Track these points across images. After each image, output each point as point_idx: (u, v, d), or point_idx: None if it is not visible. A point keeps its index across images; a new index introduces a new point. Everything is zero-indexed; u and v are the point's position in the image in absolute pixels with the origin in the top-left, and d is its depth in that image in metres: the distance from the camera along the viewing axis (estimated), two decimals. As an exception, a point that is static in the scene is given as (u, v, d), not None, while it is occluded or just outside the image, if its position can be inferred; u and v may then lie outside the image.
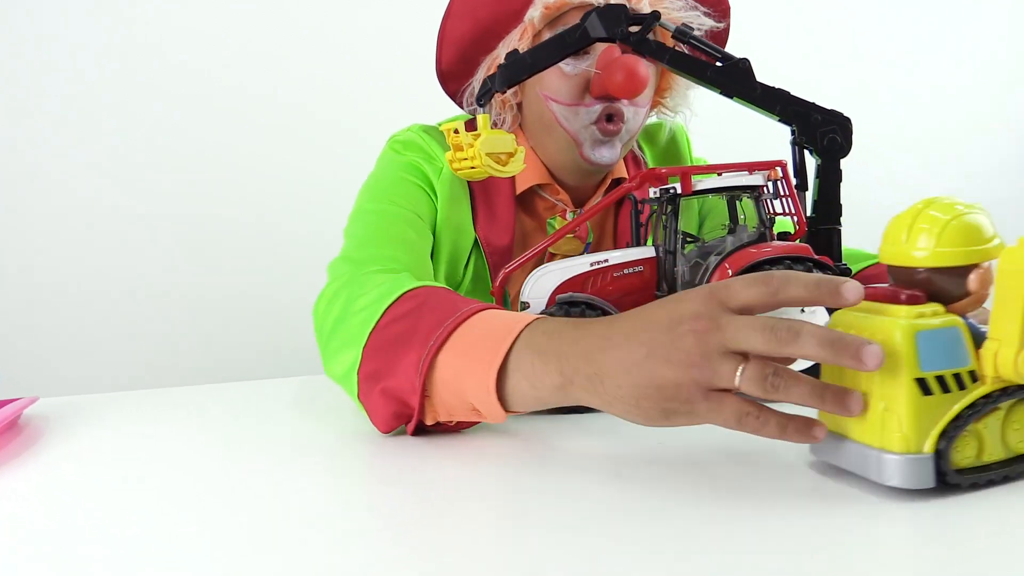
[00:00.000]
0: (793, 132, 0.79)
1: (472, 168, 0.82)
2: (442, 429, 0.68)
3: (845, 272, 0.77)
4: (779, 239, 0.78)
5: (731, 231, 0.79)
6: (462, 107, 1.05)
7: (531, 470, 0.60)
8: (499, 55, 0.96)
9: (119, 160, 1.76)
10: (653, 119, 1.10)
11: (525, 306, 0.77)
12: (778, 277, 0.51)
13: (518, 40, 0.94)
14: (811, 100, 0.78)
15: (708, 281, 0.73)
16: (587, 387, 0.57)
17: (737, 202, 0.78)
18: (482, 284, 1.00)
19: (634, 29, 0.79)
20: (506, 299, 0.98)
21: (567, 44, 0.80)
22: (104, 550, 0.49)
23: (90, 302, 1.76)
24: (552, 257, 1.02)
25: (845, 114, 0.78)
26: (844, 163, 0.78)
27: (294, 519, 0.53)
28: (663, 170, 0.77)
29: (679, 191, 0.75)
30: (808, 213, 0.79)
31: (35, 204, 1.73)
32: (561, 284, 0.76)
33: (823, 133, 0.78)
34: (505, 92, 0.82)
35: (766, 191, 0.76)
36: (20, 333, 1.72)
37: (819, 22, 2.01)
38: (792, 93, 0.79)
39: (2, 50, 1.69)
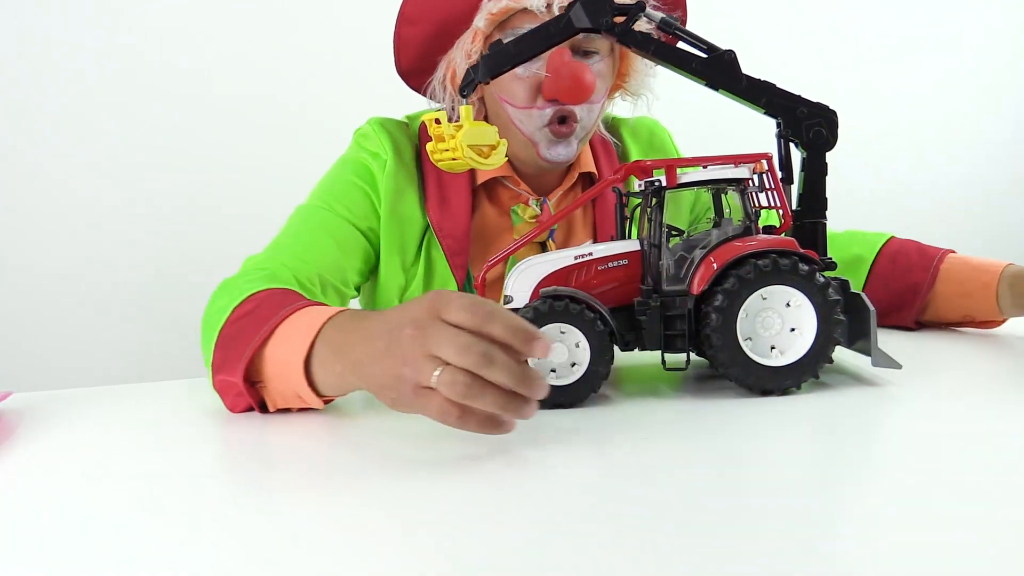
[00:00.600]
0: (779, 125, 0.78)
1: (454, 160, 0.81)
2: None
3: (831, 266, 0.76)
4: (764, 232, 0.77)
5: (716, 224, 0.78)
6: (430, 98, 1.06)
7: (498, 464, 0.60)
8: (454, 57, 0.98)
9: (97, 155, 1.73)
10: (637, 114, 1.11)
11: (508, 300, 0.76)
12: (489, 311, 0.59)
13: (470, 43, 0.95)
14: (797, 93, 0.78)
15: (693, 275, 0.73)
16: (356, 374, 0.65)
17: (723, 195, 0.78)
18: (440, 268, 1.01)
19: (619, 20, 0.78)
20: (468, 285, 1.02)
21: (551, 35, 0.79)
22: (76, 547, 0.48)
23: (66, 295, 1.73)
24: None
25: (831, 107, 0.78)
26: (831, 155, 0.78)
27: (271, 516, 0.52)
28: (648, 162, 0.76)
29: (664, 184, 0.74)
30: (793, 206, 0.79)
31: (12, 199, 1.70)
32: (545, 278, 0.75)
33: (809, 126, 0.77)
34: (488, 83, 0.81)
35: (751, 184, 0.76)
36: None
37: (809, 13, 1.99)
38: (778, 86, 0.78)
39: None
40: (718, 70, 0.78)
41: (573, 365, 0.73)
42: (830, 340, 0.72)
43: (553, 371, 0.73)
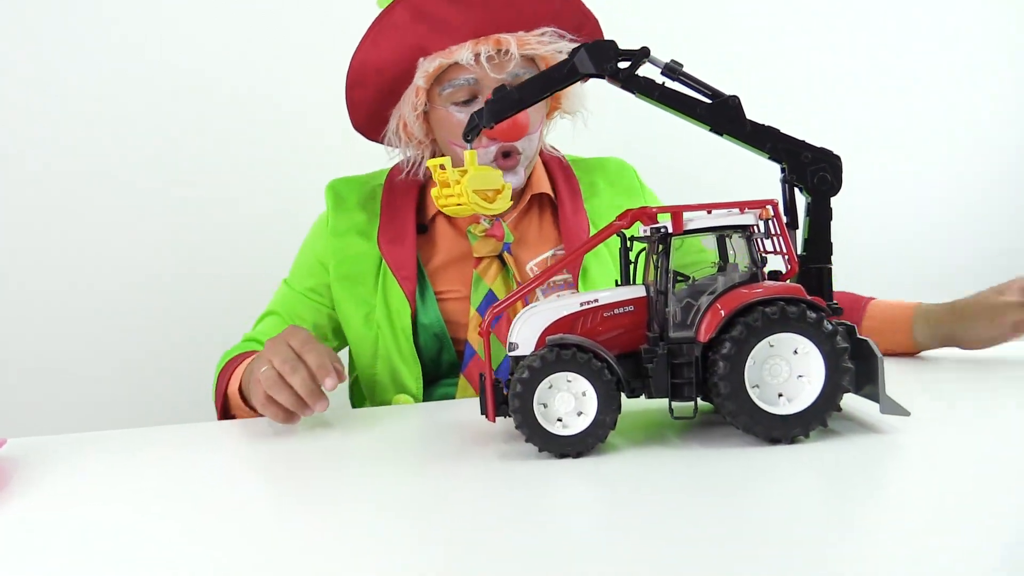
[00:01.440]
0: (783, 170, 0.78)
1: (459, 205, 0.80)
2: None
3: (837, 312, 0.76)
4: (770, 278, 0.77)
5: (721, 269, 0.78)
6: (388, 147, 1.17)
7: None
8: (403, 111, 1.10)
9: (94, 183, 1.66)
10: (604, 154, 1.26)
11: (513, 347, 0.75)
12: (311, 347, 0.87)
13: (415, 97, 1.07)
14: (801, 138, 0.78)
15: (700, 322, 0.72)
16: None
17: (727, 240, 0.77)
18: (392, 288, 1.11)
19: (623, 65, 0.78)
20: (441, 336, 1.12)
21: (556, 80, 0.79)
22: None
23: (62, 336, 1.66)
24: (478, 262, 1.13)
25: (835, 152, 0.78)
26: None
27: (272, 560, 0.50)
28: (653, 209, 0.75)
29: (670, 230, 0.74)
30: (799, 252, 0.79)
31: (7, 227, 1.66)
32: (550, 325, 0.74)
33: (814, 171, 0.77)
34: (492, 127, 0.81)
35: (757, 230, 0.75)
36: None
37: (804, 13, 1.93)
38: (782, 131, 0.78)
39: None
40: (722, 115, 0.78)
41: (580, 414, 0.72)
42: (838, 388, 0.71)
43: (559, 420, 0.72)
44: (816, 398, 0.71)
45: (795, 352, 0.72)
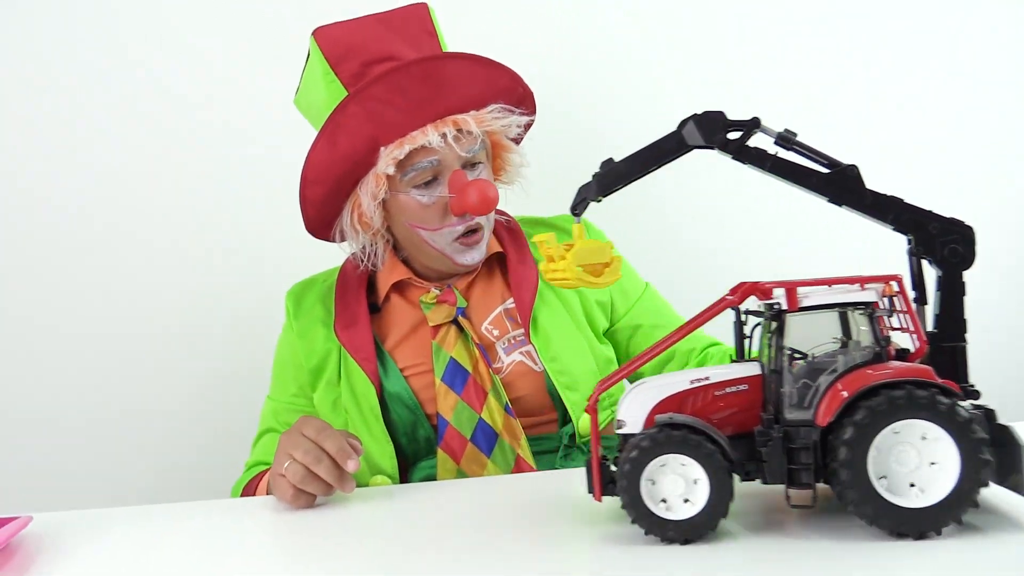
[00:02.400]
0: (910, 242, 0.74)
1: (565, 279, 0.80)
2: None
3: (973, 395, 0.70)
4: (898, 357, 0.72)
5: (843, 345, 0.74)
6: (340, 242, 1.18)
7: None
8: (360, 200, 1.10)
9: (119, 262, 1.60)
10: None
11: (621, 424, 0.73)
12: (327, 434, 0.92)
13: (375, 186, 1.08)
14: (927, 208, 0.73)
15: (819, 404, 0.68)
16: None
17: (850, 314, 0.73)
18: (355, 372, 1.13)
19: (733, 136, 0.77)
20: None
21: (664, 153, 0.78)
22: None
23: (83, 410, 1.60)
24: (436, 332, 1.13)
25: (966, 222, 0.73)
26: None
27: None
28: (767, 284, 0.73)
29: (784, 307, 0.70)
30: (928, 328, 0.73)
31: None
32: (659, 403, 0.72)
33: (943, 243, 0.72)
34: (600, 200, 0.80)
35: (881, 307, 0.71)
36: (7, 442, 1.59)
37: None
38: (905, 200, 0.74)
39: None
40: (841, 186, 0.74)
41: (686, 501, 0.69)
42: (976, 483, 0.65)
43: (663, 501, 0.69)
44: (950, 492, 0.65)
45: (923, 438, 0.67)
